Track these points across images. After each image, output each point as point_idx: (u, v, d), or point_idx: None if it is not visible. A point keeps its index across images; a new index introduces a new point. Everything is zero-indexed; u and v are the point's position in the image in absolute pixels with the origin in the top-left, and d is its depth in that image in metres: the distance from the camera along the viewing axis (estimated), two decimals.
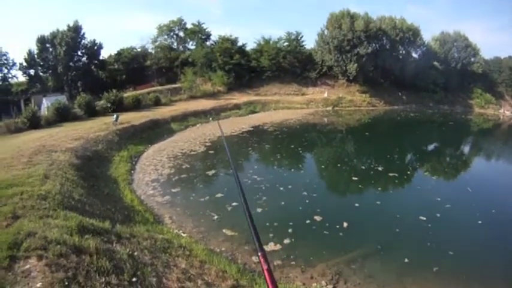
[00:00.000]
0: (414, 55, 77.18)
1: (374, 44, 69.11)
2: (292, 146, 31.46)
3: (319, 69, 71.49)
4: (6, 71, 64.25)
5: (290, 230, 13.41)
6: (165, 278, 8.04)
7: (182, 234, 13.25)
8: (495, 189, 22.04)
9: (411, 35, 71.56)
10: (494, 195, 20.19)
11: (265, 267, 1.87)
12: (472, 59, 77.11)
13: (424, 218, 15.27)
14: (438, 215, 15.85)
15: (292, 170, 25.14)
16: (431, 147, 36.69)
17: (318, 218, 14.92)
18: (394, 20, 71.32)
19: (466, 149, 38.12)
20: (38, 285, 6.04)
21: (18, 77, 66.91)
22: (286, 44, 74.45)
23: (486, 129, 53.11)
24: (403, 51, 74.07)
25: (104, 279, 6.72)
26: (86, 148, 23.19)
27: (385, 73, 71.50)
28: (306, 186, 19.66)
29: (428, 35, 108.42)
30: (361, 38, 66.07)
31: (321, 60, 71.29)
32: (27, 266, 6.61)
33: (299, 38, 75.00)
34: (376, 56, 68.31)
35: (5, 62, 63.80)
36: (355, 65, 66.11)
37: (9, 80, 65.26)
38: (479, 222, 15.29)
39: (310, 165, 27.61)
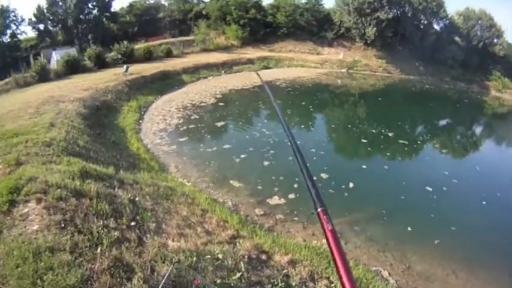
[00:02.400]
0: (436, 27, 74.71)
1: (395, 10, 67.21)
2: (304, 104, 31.40)
3: (336, 29, 69.61)
4: (15, 27, 62.98)
5: (296, 186, 13.41)
6: (164, 224, 8.03)
7: (186, 183, 13.32)
8: (503, 173, 21.38)
9: (435, 5, 68.81)
10: (501, 179, 19.64)
11: (328, 228, 1.67)
12: (495, 40, 74.15)
13: (430, 189, 15.18)
14: (444, 188, 15.72)
15: (302, 126, 25.27)
16: (443, 122, 35.88)
17: (324, 175, 14.94)
18: None
19: (477, 129, 37.45)
20: (35, 227, 6.06)
21: (28, 32, 65.70)
22: (304, 1, 72.50)
23: (501, 113, 51.39)
24: (425, 21, 71.69)
25: (101, 222, 6.69)
26: (95, 98, 23.16)
27: (404, 41, 69.07)
28: (315, 144, 19.82)
29: (453, 8, 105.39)
30: (382, 2, 64.11)
31: (339, 21, 69.43)
32: (26, 210, 6.65)
33: None
34: (397, 22, 66.38)
35: (14, 18, 62.59)
36: (374, 29, 64.25)
37: (18, 36, 64.37)
38: (484, 202, 15.10)
39: (321, 124, 27.75)
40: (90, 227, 6.39)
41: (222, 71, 43.52)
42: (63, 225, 6.27)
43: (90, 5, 65.64)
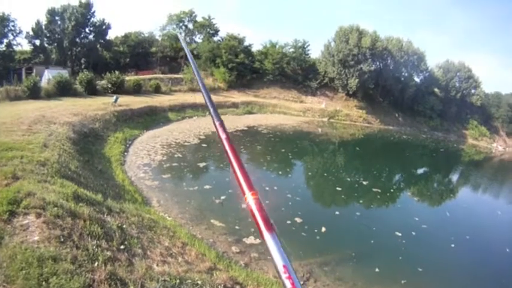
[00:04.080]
0: (416, 79, 78.43)
1: (378, 63, 70.57)
2: (283, 151, 32.32)
3: (320, 79, 72.39)
4: (12, 37, 63.92)
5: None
6: (149, 251, 8.69)
7: (167, 217, 13.85)
8: (473, 217, 22.97)
9: (416, 59, 73.13)
10: (471, 223, 21.10)
11: (223, 136, 2.05)
12: (473, 91, 78.52)
13: (400, 234, 16.03)
14: (414, 233, 16.63)
15: (280, 173, 25.98)
16: (418, 170, 37.55)
17: (298, 220, 15.64)
18: (401, 41, 72.68)
19: (451, 177, 39.19)
20: (36, 238, 6.67)
21: (23, 45, 66.50)
22: (291, 50, 75.48)
23: (476, 160, 54.20)
24: (406, 74, 75.27)
25: (95, 242, 7.36)
26: (84, 124, 23.81)
27: (384, 92, 72.75)
28: (291, 190, 20.47)
29: (433, 61, 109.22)
30: (366, 55, 67.10)
31: (323, 71, 72.17)
32: (26, 221, 7.23)
33: (305, 47, 76.00)
34: (379, 74, 69.57)
35: (12, 28, 63.50)
36: (357, 80, 67.04)
37: (14, 46, 65.03)
38: (452, 245, 16.08)
39: (298, 171, 28.55)
40: (86, 245, 7.05)
41: (207, 112, 43.82)
42: (62, 239, 6.88)
43: (87, 30, 67.28)
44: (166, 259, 8.71)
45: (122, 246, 8.03)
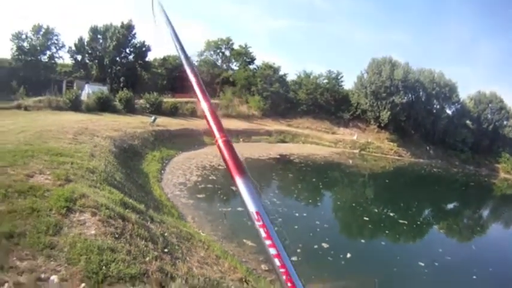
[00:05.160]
0: (448, 111, 78.08)
1: (410, 95, 71.03)
2: (314, 180, 33.01)
3: (353, 111, 73.08)
4: (54, 50, 67.31)
5: (298, 250, 14.69)
6: (188, 257, 9.60)
7: (201, 233, 14.69)
8: (500, 252, 22.74)
9: (447, 90, 73.08)
10: (496, 257, 20.94)
11: (193, 79, 2.13)
12: (505, 122, 77.52)
13: (422, 264, 16.47)
14: (436, 263, 17.00)
15: (310, 200, 26.68)
16: (447, 204, 37.28)
17: (325, 245, 16.30)
18: (433, 73, 73.21)
19: (480, 211, 38.64)
20: (93, 232, 7.63)
21: (65, 59, 69.91)
22: (325, 81, 76.51)
23: (508, 195, 52.91)
24: (437, 106, 75.32)
25: (143, 243, 8.30)
26: (124, 140, 25.35)
27: (416, 125, 72.61)
28: (319, 217, 21.14)
29: (465, 92, 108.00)
30: (398, 87, 67.89)
31: (356, 103, 72.87)
32: (82, 218, 8.19)
33: (339, 78, 77.24)
34: (411, 107, 69.89)
35: (56, 41, 66.92)
36: (389, 112, 67.70)
37: (56, 59, 68.12)
38: (474, 277, 16.36)
39: (328, 200, 29.23)
40: (136, 243, 8.02)
41: (241, 139, 45.62)
42: (116, 236, 7.87)
43: (127, 50, 69.69)
44: (203, 266, 9.58)
45: (166, 250, 8.94)
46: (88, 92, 46.79)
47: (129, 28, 68.41)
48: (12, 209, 7.60)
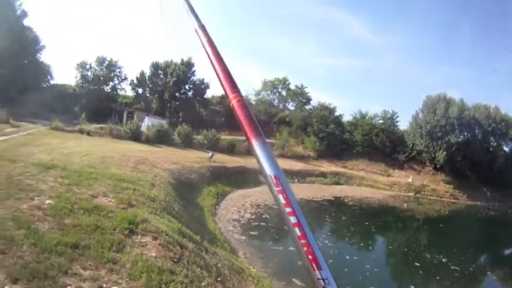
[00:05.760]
0: (505, 148, 75.64)
1: (466, 133, 69.42)
2: (367, 223, 32.44)
3: (408, 152, 71.53)
4: (117, 81, 72.38)
5: None
6: None
7: (252, 268, 14.84)
8: None
9: (504, 126, 70.70)
10: None
11: (204, 39, 1.98)
12: None
13: None
14: None
15: (362, 244, 26.55)
16: (503, 250, 35.90)
17: None
18: (489, 108, 71.54)
19: None
20: (153, 254, 8.05)
21: (127, 90, 74.58)
22: (381, 121, 76.31)
23: None
24: (494, 143, 73.06)
25: (199, 270, 8.62)
26: (181, 173, 26.13)
27: (472, 165, 69.18)
28: (370, 261, 21.05)
29: None
30: (453, 125, 66.53)
31: (411, 144, 71.51)
32: (144, 240, 8.67)
33: (394, 118, 76.78)
34: (466, 146, 67.95)
35: (118, 74, 71.86)
36: (444, 153, 65.96)
37: (118, 90, 73.10)
38: None
39: (379, 244, 28.74)
40: (193, 269, 8.39)
41: (296, 179, 45.44)
42: (175, 260, 8.29)
43: (187, 87, 72.08)
44: None
45: (219, 279, 9.23)
46: (148, 124, 48.81)
47: (188, 65, 71.11)
48: (77, 223, 8.22)
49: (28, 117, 43.29)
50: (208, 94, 76.38)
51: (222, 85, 1.76)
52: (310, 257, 1.40)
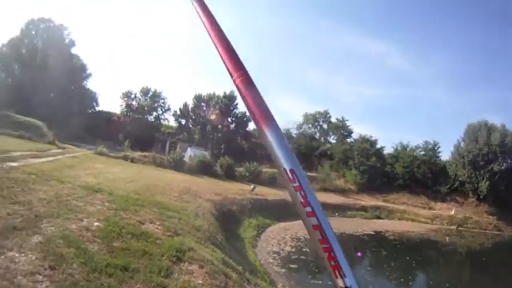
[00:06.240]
0: None
1: (509, 161, 66.07)
2: (408, 258, 31.77)
3: (450, 183, 68.24)
4: (160, 112, 75.00)
5: None
6: None
7: None
8: None
9: None
10: None
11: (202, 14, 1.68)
12: None
13: None
14: None
15: (402, 279, 26.03)
16: None
17: None
18: None
19: None
20: (200, 281, 8.34)
21: (170, 121, 76.90)
22: (422, 153, 73.87)
23: None
24: None
25: None
26: (224, 205, 26.55)
27: None
28: None
29: None
30: (496, 153, 63.78)
31: (454, 175, 68.30)
32: (191, 268, 8.97)
33: (436, 148, 73.89)
34: (510, 173, 64.35)
35: (162, 104, 74.60)
36: (487, 182, 62.78)
37: (161, 120, 75.75)
38: None
39: (420, 280, 28.12)
40: None
41: (336, 213, 44.84)
42: None
43: (229, 119, 72.76)
44: None
45: None
46: (190, 154, 49.78)
47: (231, 98, 72.00)
48: (126, 247, 8.73)
49: (73, 141, 45.84)
50: (250, 127, 77.22)
51: (224, 62, 1.50)
52: (332, 263, 1.29)
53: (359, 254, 22.00)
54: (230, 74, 1.45)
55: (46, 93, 59.23)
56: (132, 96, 71.41)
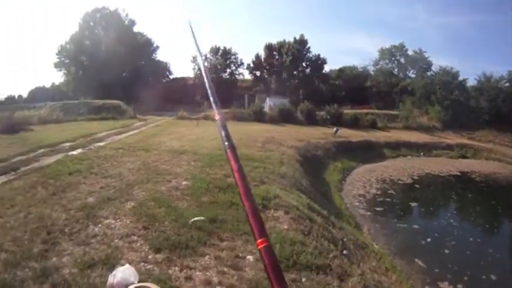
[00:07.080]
0: None
1: None
2: (494, 203, 29.45)
3: None
4: (234, 68, 77.76)
5: (465, 278, 13.67)
6: (362, 263, 10.36)
7: (375, 245, 15.26)
8: None
9: None
10: None
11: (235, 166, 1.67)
12: None
13: None
14: None
15: (487, 226, 24.01)
16: None
17: (493, 277, 14.64)
18: None
19: None
20: (285, 227, 9.00)
21: (245, 75, 79.36)
22: (507, 84, 67.67)
23: None
24: None
25: (326, 243, 9.28)
26: (307, 150, 27.53)
27: None
28: (494, 245, 18.96)
29: None
30: None
31: None
32: (276, 214, 9.69)
33: None
34: None
35: (234, 60, 77.27)
36: None
37: (236, 76, 78.07)
38: None
39: (505, 227, 25.31)
40: (321, 242, 9.03)
41: (421, 153, 44.44)
42: (305, 233, 9.10)
43: (304, 64, 73.97)
44: (373, 274, 10.28)
45: (344, 252, 9.84)
46: (270, 104, 51.32)
47: (302, 43, 72.42)
48: (213, 200, 9.79)
49: (154, 111, 48.67)
50: (326, 69, 76.86)
51: (251, 225, 1.45)
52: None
53: None
54: (255, 237, 1.43)
55: (119, 74, 63.97)
56: (203, 58, 70.88)
